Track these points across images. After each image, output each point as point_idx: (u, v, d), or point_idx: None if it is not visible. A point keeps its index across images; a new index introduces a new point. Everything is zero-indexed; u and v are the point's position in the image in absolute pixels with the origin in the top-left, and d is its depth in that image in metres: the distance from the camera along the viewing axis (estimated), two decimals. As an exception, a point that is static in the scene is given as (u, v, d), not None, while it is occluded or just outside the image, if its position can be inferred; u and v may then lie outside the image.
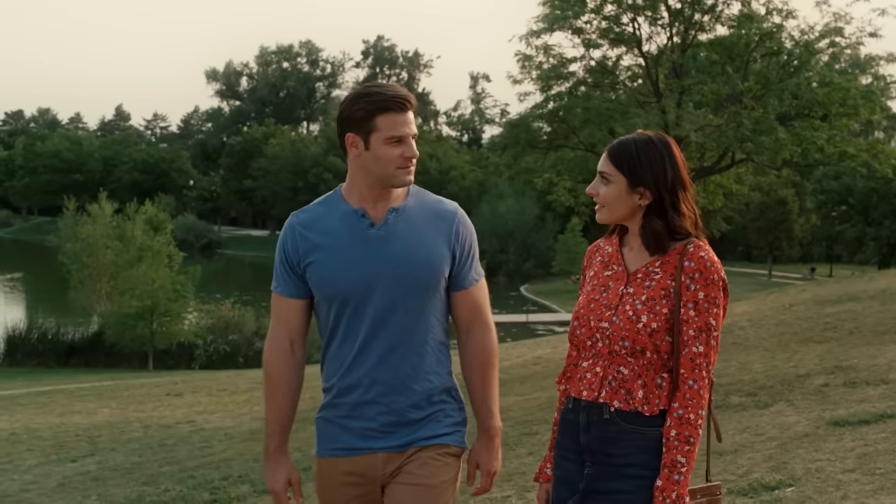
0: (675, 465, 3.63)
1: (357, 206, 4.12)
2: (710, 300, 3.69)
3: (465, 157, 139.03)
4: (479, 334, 4.22)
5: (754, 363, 15.97)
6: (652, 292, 3.77)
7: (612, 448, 3.75)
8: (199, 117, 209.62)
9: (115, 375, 41.05)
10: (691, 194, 3.87)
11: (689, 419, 3.65)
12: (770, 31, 22.50)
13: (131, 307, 50.09)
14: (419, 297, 4.08)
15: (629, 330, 3.74)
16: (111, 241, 54.92)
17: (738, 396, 12.44)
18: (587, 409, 3.84)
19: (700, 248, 3.76)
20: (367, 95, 4.02)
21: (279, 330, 4.28)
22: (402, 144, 4.00)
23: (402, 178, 4.06)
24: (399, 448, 4.10)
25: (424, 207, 4.18)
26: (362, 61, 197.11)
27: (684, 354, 3.70)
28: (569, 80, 23.19)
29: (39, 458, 16.12)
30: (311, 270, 4.14)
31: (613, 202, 3.87)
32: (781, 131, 21.38)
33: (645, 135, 3.91)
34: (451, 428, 4.17)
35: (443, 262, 4.11)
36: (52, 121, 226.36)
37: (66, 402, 25.40)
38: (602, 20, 23.09)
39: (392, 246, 4.07)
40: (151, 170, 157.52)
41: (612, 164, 3.86)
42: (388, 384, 4.08)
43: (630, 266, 3.91)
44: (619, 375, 3.78)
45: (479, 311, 4.22)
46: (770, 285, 78.10)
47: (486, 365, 4.22)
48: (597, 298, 3.91)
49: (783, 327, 21.69)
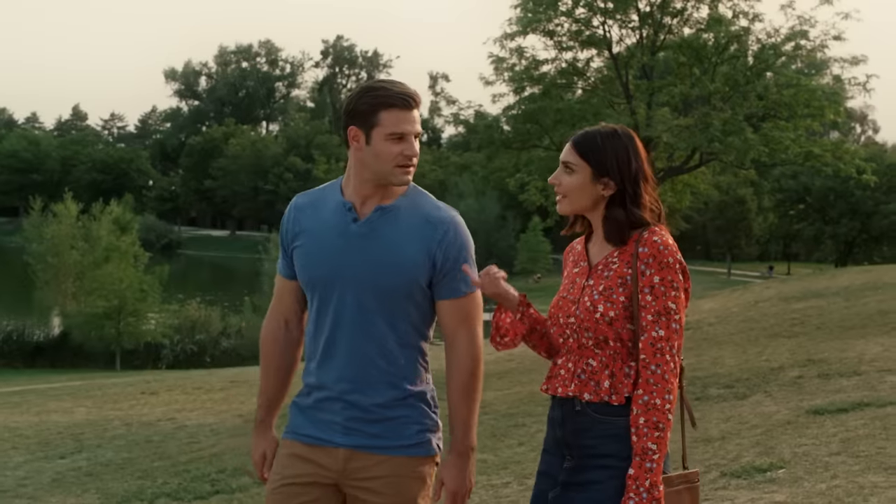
0: (646, 453, 3.62)
1: (348, 199, 4.10)
2: (667, 283, 3.70)
3: (426, 157, 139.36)
4: (460, 348, 4.08)
5: (726, 358, 16.34)
6: (609, 282, 3.78)
7: (585, 439, 3.77)
8: (157, 117, 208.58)
9: (83, 375, 40.95)
10: (653, 187, 3.90)
11: (656, 404, 3.64)
12: (737, 34, 22.95)
13: (98, 307, 50.15)
14: (390, 301, 4.02)
15: (589, 321, 3.77)
16: (76, 242, 54.99)
17: (716, 388, 12.86)
18: (561, 404, 3.87)
19: (654, 232, 3.77)
20: (374, 90, 4.00)
21: (275, 308, 4.34)
22: (403, 142, 3.97)
23: (400, 176, 4.02)
24: (363, 448, 4.04)
25: (415, 211, 4.09)
26: (322, 61, 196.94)
27: (644, 339, 3.69)
28: (541, 81, 23.58)
29: (26, 455, 16.09)
30: (295, 254, 4.18)
31: (576, 192, 3.88)
32: (749, 132, 21.85)
33: (609, 127, 3.95)
34: (419, 436, 4.06)
35: (417, 269, 4.02)
36: (9, 120, 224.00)
37: (40, 402, 25.27)
38: (573, 23, 23.48)
39: (369, 244, 4.03)
40: (110, 170, 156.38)
41: (577, 153, 3.88)
42: (353, 382, 4.04)
43: (593, 260, 3.94)
44: (589, 368, 3.80)
45: (463, 323, 4.09)
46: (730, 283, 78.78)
47: (467, 380, 4.08)
48: (564, 296, 3.96)
49: (751, 323, 22.14)
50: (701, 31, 23.36)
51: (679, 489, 3.77)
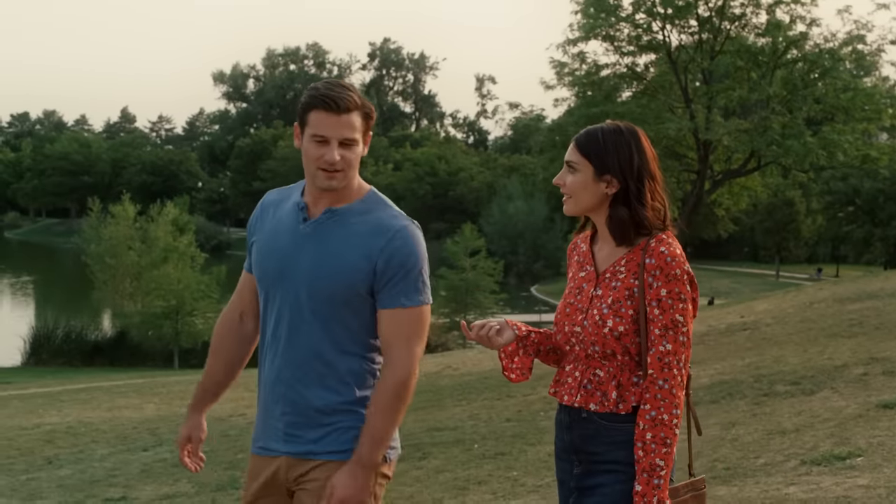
0: (654, 469, 3.61)
1: (304, 200, 4.06)
2: (675, 296, 3.67)
3: (474, 159, 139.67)
4: (393, 363, 3.93)
5: (788, 356, 16.49)
6: (617, 294, 3.75)
7: (592, 446, 3.78)
8: (205, 119, 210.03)
9: (143, 374, 41.46)
10: (660, 186, 3.84)
11: (663, 420, 3.63)
12: (795, 38, 23.25)
13: (157, 307, 50.92)
14: (327, 305, 3.94)
15: (597, 335, 3.74)
16: (134, 243, 55.75)
17: (783, 385, 13.14)
18: (568, 411, 3.88)
19: (661, 241, 3.72)
20: (309, 89, 3.95)
21: (234, 300, 4.34)
22: (324, 146, 3.87)
23: (322, 180, 3.92)
24: (301, 455, 4.00)
25: (368, 217, 3.99)
26: (369, 63, 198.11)
27: (652, 354, 3.67)
28: (602, 86, 23.96)
29: (108, 448, 16.43)
30: (252, 250, 4.18)
31: (580, 191, 3.83)
32: (809, 135, 22.11)
33: (613, 124, 3.89)
34: (357, 443, 3.96)
35: (355, 276, 3.91)
36: (58, 123, 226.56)
37: (108, 399, 25.57)
38: (633, 28, 23.83)
39: (312, 246, 3.98)
40: (160, 171, 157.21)
41: (578, 152, 3.85)
42: (289, 383, 4.00)
43: (600, 266, 3.90)
44: (595, 378, 3.78)
45: (399, 337, 3.93)
46: (778, 285, 78.64)
47: (389, 396, 3.91)
48: (572, 302, 3.92)
49: (808, 323, 22.23)
50: (759, 36, 23.67)
51: (685, 499, 3.79)
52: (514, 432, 13.12)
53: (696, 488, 3.86)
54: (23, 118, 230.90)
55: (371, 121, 4.01)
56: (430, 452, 12.10)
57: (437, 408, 16.92)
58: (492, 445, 11.98)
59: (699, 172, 24.42)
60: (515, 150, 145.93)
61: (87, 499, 12.00)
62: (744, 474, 8.23)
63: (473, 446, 12.13)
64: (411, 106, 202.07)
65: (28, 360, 52.01)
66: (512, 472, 10.31)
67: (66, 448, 16.62)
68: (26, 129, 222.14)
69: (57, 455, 15.76)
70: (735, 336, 22.25)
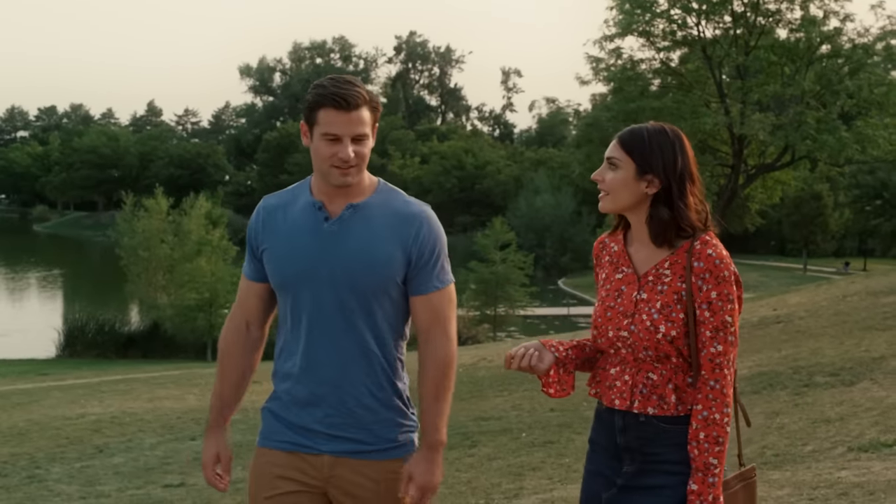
0: (708, 468, 3.61)
1: (317, 199, 4.00)
2: (724, 298, 3.64)
3: (501, 152, 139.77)
4: (436, 343, 3.97)
5: (825, 348, 16.69)
6: (666, 298, 3.70)
7: (651, 447, 3.73)
8: (231, 113, 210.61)
9: (178, 365, 41.71)
10: (699, 189, 3.78)
11: (715, 419, 3.61)
12: (829, 34, 23.40)
13: (190, 299, 51.24)
14: (366, 299, 3.92)
15: (649, 340, 3.69)
16: (166, 236, 56.18)
17: (822, 377, 13.40)
18: (623, 415, 3.79)
19: (707, 244, 3.67)
20: (316, 87, 3.91)
21: (237, 311, 4.24)
22: (337, 143, 3.84)
23: (337, 177, 3.89)
24: (346, 454, 3.97)
25: (387, 207, 3.99)
26: (395, 57, 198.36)
27: (703, 355, 3.64)
28: (637, 81, 24.16)
29: (155, 437, 16.65)
30: (266, 256, 4.06)
31: (619, 189, 3.77)
32: (844, 130, 22.26)
33: (658, 124, 3.85)
34: (402, 437, 4.02)
35: (393, 265, 3.92)
36: (85, 116, 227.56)
37: (147, 390, 25.69)
38: (669, 23, 24.02)
39: (343, 243, 3.93)
40: (187, 165, 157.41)
41: (622, 149, 3.78)
42: (333, 385, 3.95)
43: (639, 268, 3.83)
44: (650, 382, 3.73)
45: (439, 319, 3.99)
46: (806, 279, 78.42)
47: (440, 376, 3.96)
48: (612, 305, 3.84)
49: (842, 316, 22.39)
50: (793, 32, 23.82)
51: (735, 490, 3.77)
52: (559, 422, 13.37)
53: (747, 478, 3.86)
54: (50, 112, 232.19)
55: (378, 113, 3.98)
56: (480, 440, 12.37)
57: (479, 398, 17.17)
58: (539, 434, 12.23)
59: (734, 167, 24.63)
60: (542, 144, 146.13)
61: (146, 485, 12.28)
62: (793, 460, 8.50)
63: (521, 435, 12.38)
64: (437, 99, 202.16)
65: (63, 352, 52.43)
66: (564, 459, 10.57)
67: (115, 437, 16.80)
68: (53, 122, 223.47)
69: (106, 444, 15.96)
70: (769, 329, 22.41)
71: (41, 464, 14.19)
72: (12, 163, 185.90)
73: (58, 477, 13.11)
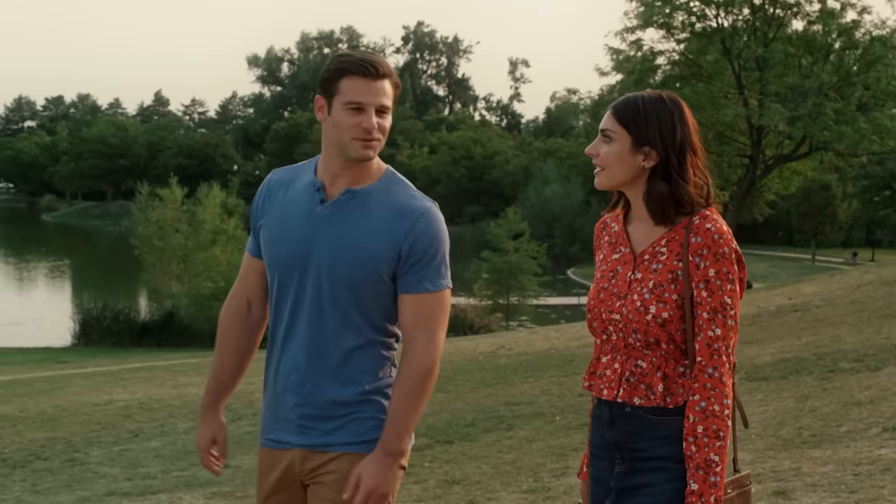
0: (709, 465, 3.33)
1: (319, 178, 3.84)
2: (723, 276, 3.37)
3: (509, 142, 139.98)
4: (416, 349, 3.76)
5: (845, 336, 16.89)
6: (659, 277, 3.45)
7: (637, 443, 3.50)
8: (238, 103, 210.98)
9: (194, 353, 41.87)
10: (702, 161, 3.53)
11: (714, 410, 3.34)
12: (847, 26, 23.67)
13: (206, 288, 51.63)
14: (349, 291, 3.76)
15: (639, 322, 3.44)
16: (181, 225, 56.56)
17: (846, 363, 13.62)
18: (609, 406, 3.57)
19: (706, 218, 3.41)
20: (338, 57, 3.76)
21: (238, 288, 4.11)
22: (361, 113, 3.67)
23: (358, 150, 3.71)
24: (316, 447, 3.84)
25: (388, 198, 3.80)
26: (402, 47, 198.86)
27: (700, 340, 3.38)
28: (655, 72, 24.45)
29: (187, 423, 16.59)
30: (261, 233, 3.95)
31: (614, 163, 3.50)
32: (862, 121, 22.53)
33: (655, 92, 3.60)
34: (375, 432, 3.82)
35: (379, 260, 3.73)
36: (93, 106, 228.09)
37: (170, 377, 25.83)
38: (688, 15, 24.30)
39: (332, 229, 3.78)
40: (196, 155, 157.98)
41: (616, 120, 3.51)
42: (306, 374, 3.82)
43: (636, 246, 3.59)
44: (638, 370, 3.49)
45: (424, 323, 3.77)
46: (815, 269, 78.60)
47: (414, 384, 3.75)
48: (606, 287, 3.59)
49: (859, 305, 22.64)
50: (811, 24, 24.09)
51: (730, 497, 3.50)
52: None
53: (742, 485, 3.60)
54: (57, 102, 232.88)
55: (398, 91, 3.83)
56: (515, 424, 12.61)
57: (505, 384, 17.39)
58: (573, 418, 12.45)
59: (752, 157, 24.92)
60: (550, 134, 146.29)
61: (189, 467, 12.43)
62: (830, 440, 8.78)
63: (555, 418, 12.60)
64: (445, 89, 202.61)
65: (78, 341, 52.72)
66: (602, 441, 10.82)
67: (147, 422, 16.90)
68: (61, 112, 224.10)
69: (140, 428, 16.09)
70: (786, 317, 22.67)
71: (79, 447, 14.29)
72: (20, 152, 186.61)
73: (99, 460, 13.24)
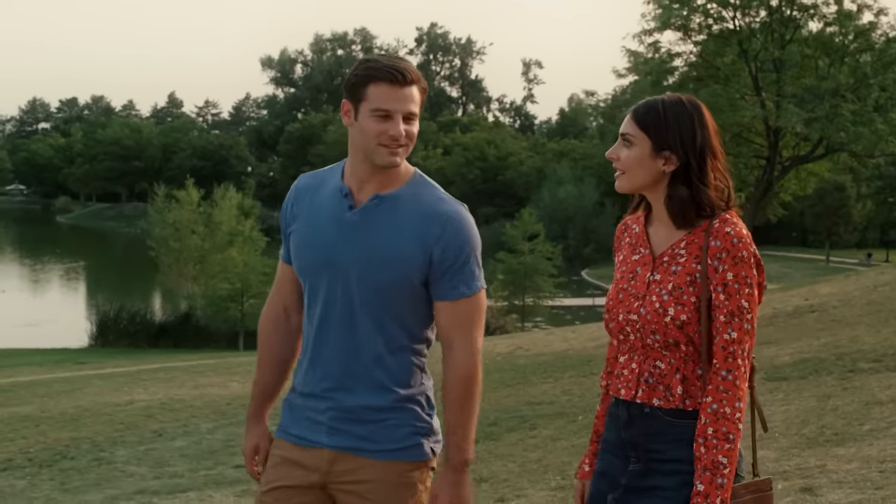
0: (717, 467, 3.31)
1: (346, 183, 3.78)
2: (741, 280, 3.37)
3: (523, 144, 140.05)
4: (457, 355, 3.72)
5: (863, 336, 16.97)
6: (678, 279, 3.44)
7: (654, 444, 3.47)
8: (251, 104, 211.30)
9: (211, 354, 41.96)
10: (722, 164, 3.52)
11: (725, 413, 3.33)
12: (864, 28, 23.76)
13: (222, 289, 51.76)
14: (380, 297, 3.70)
15: (657, 323, 3.43)
16: (197, 227, 56.76)
17: (865, 363, 13.72)
18: (627, 406, 3.54)
19: (726, 222, 3.40)
20: (366, 62, 3.68)
21: (275, 296, 4.09)
22: (388, 120, 3.60)
23: (385, 157, 3.65)
24: (348, 450, 3.77)
25: (417, 203, 3.73)
26: (416, 48, 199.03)
27: (716, 343, 3.37)
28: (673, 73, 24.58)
29: (211, 422, 16.68)
30: (291, 239, 3.90)
31: (634, 167, 3.50)
32: (879, 122, 22.61)
33: (675, 96, 3.61)
34: (410, 439, 3.78)
35: (410, 266, 3.67)
36: (107, 108, 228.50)
37: (189, 378, 25.91)
38: (705, 17, 24.41)
39: (361, 235, 3.70)
40: (210, 156, 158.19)
41: (636, 124, 3.51)
42: (337, 381, 3.77)
43: (656, 248, 3.59)
44: (657, 371, 3.48)
45: (462, 328, 3.73)
46: (829, 270, 78.64)
47: (461, 391, 3.72)
48: (625, 287, 3.60)
49: (876, 306, 22.69)
50: (828, 25, 24.20)
51: (745, 500, 3.46)
52: (612, 406, 13.72)
53: (761, 490, 3.54)
54: (71, 104, 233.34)
55: (425, 95, 3.75)
56: (538, 423, 12.74)
57: (525, 384, 17.51)
58: (596, 417, 12.56)
59: (769, 159, 25.02)
60: (563, 135, 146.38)
61: (216, 465, 12.50)
62: (853, 438, 8.89)
63: (578, 418, 12.71)
64: (458, 91, 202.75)
65: (95, 342, 53.02)
66: (626, 440, 10.94)
67: (170, 422, 16.93)
68: (75, 114, 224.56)
69: (163, 428, 16.13)
70: (804, 318, 22.75)
71: (104, 447, 14.33)
72: (35, 154, 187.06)
73: (125, 459, 13.28)
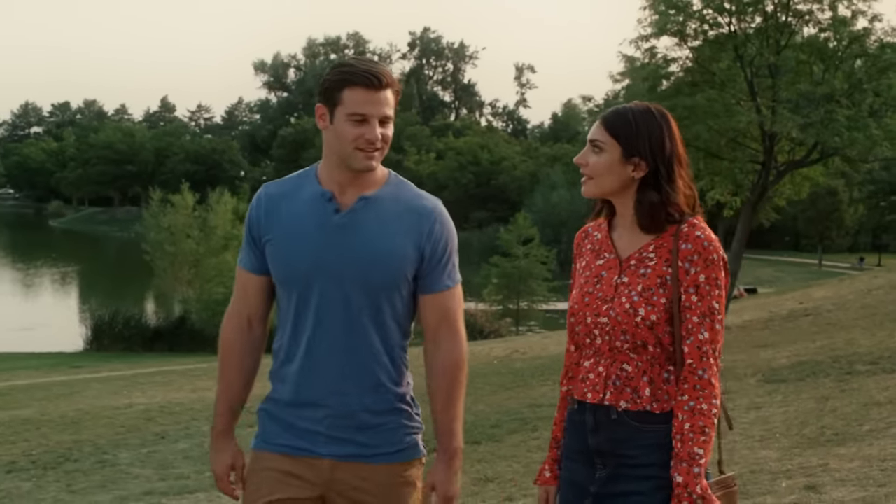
0: (693, 458, 3.36)
1: (326, 188, 3.77)
2: (712, 282, 3.44)
3: (516, 148, 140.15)
4: (446, 344, 3.80)
5: (859, 339, 17.14)
6: (648, 281, 3.50)
7: (623, 449, 3.50)
8: (244, 108, 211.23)
9: (206, 358, 41.86)
10: (687, 172, 3.59)
11: (702, 409, 3.39)
12: (859, 34, 23.95)
13: (218, 293, 51.69)
14: (375, 296, 3.72)
15: (628, 324, 3.48)
16: (192, 231, 56.77)
17: (862, 365, 13.87)
18: (593, 411, 3.56)
19: (695, 226, 3.48)
20: (340, 66, 3.69)
21: (237, 305, 3.97)
22: (364, 124, 3.62)
23: (361, 161, 3.68)
24: (350, 458, 3.77)
25: (399, 200, 3.79)
26: (409, 53, 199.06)
27: (690, 343, 3.43)
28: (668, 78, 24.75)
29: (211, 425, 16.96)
30: (269, 248, 3.81)
31: (603, 173, 3.55)
32: (874, 127, 22.78)
33: (643, 104, 3.65)
34: (407, 440, 3.84)
35: (405, 262, 3.73)
36: (99, 112, 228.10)
37: (187, 381, 26.02)
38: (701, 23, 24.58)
39: (353, 236, 3.71)
40: (203, 160, 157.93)
41: (606, 131, 3.56)
42: (335, 387, 3.75)
43: (622, 252, 3.63)
44: (623, 373, 3.51)
45: (448, 319, 3.81)
46: (822, 274, 78.85)
47: (451, 380, 3.79)
48: (591, 291, 3.63)
49: (870, 309, 22.88)
50: (823, 31, 24.38)
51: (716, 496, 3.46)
52: (612, 408, 13.82)
53: (727, 486, 3.64)
54: (63, 108, 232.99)
55: (398, 97, 3.77)
56: (539, 425, 12.83)
57: (524, 387, 17.61)
58: (597, 419, 12.67)
59: (764, 163, 25.22)
60: (556, 140, 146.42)
61: (220, 467, 12.64)
62: (853, 438, 9.02)
63: (578, 419, 12.81)
64: (451, 95, 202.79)
65: (90, 346, 52.97)
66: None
67: (170, 425, 16.96)
68: (67, 118, 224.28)
69: (165, 431, 16.16)
70: (798, 321, 22.91)
71: (107, 450, 14.34)
72: (27, 158, 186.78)
73: (129, 461, 13.29)
